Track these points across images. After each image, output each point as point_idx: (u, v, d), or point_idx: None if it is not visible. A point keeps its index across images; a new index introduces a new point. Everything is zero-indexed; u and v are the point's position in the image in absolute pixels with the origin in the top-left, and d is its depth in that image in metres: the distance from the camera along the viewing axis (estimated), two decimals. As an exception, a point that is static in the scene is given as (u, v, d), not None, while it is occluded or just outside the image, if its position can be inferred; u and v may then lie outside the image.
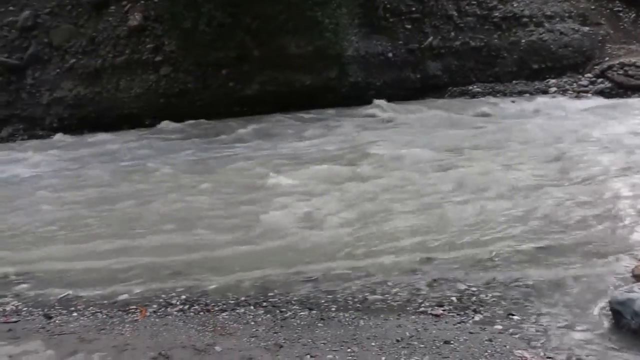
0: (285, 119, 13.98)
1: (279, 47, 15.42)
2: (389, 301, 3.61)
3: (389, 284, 3.86)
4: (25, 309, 4.08)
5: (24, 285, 4.59)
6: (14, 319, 3.82)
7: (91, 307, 3.94)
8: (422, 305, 3.54)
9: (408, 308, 3.51)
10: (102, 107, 17.34)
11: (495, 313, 3.44)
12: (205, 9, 14.34)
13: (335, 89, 16.02)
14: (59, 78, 18.07)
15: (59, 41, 18.32)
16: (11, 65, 18.65)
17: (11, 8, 19.64)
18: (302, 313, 3.49)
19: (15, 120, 18.76)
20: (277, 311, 3.55)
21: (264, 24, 14.74)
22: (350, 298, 3.69)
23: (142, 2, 17.01)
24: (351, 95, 15.91)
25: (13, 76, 18.71)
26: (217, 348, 2.98)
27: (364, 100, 15.54)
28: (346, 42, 15.65)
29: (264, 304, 3.69)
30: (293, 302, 3.69)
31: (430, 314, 3.41)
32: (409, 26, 16.66)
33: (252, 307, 3.66)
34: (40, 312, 3.94)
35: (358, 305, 3.58)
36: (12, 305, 4.18)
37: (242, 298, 3.82)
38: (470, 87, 16.51)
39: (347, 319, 3.35)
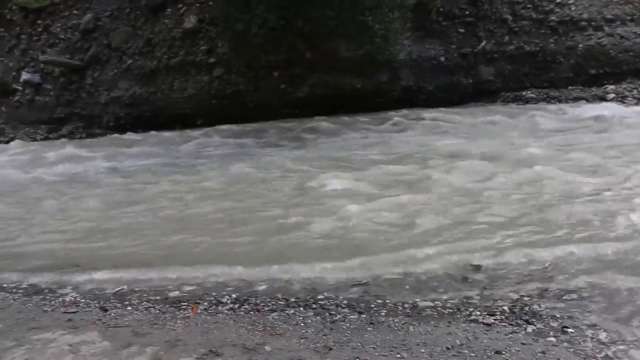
0: (334, 121, 13.95)
1: (330, 50, 15.47)
2: (439, 308, 3.58)
3: (440, 290, 3.84)
4: (82, 300, 4.21)
5: (82, 278, 4.73)
6: (72, 310, 3.96)
7: (144, 302, 4.04)
8: (473, 313, 3.50)
9: (458, 315, 3.47)
10: (156, 107, 17.79)
11: (549, 325, 3.36)
12: (259, 11, 14.52)
13: (386, 93, 15.96)
14: (116, 78, 18.64)
15: (117, 43, 18.91)
16: (73, 66, 19.39)
17: (75, 12, 20.40)
18: (351, 316, 3.51)
19: (75, 118, 19.46)
20: (327, 314, 3.58)
21: (315, 27, 14.82)
22: (400, 303, 3.68)
23: (197, 4, 17.36)
24: (402, 99, 15.82)
25: (74, 76, 19.44)
26: (267, 348, 3.03)
27: (414, 104, 15.44)
28: (398, 46, 15.57)
29: (314, 305, 3.73)
30: (342, 305, 3.71)
31: (482, 322, 3.37)
32: (462, 30, 16.45)
33: (301, 309, 3.69)
34: (97, 305, 4.07)
35: (408, 311, 3.57)
36: (71, 296, 4.32)
37: (292, 299, 3.86)
38: (524, 93, 16.11)
39: (397, 324, 3.34)
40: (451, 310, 3.55)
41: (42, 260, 5.27)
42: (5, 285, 4.65)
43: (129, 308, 3.94)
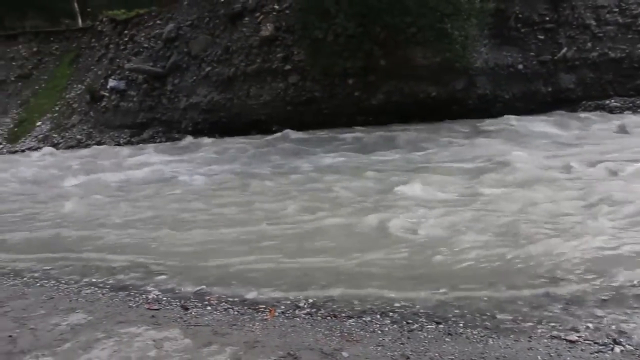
0: (409, 129, 13.82)
1: (406, 57, 15.41)
2: (519, 321, 3.47)
3: (519, 303, 3.73)
4: (165, 298, 4.35)
5: (163, 277, 4.91)
6: (155, 307, 4.11)
7: (223, 303, 4.15)
8: (555, 329, 3.37)
9: (540, 330, 3.35)
10: (232, 113, 18.24)
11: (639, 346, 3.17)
12: (338, 19, 14.62)
13: (462, 101, 15.72)
14: (195, 85, 19.26)
15: (197, 51, 19.55)
16: (155, 73, 20.22)
17: (158, 22, 21.31)
18: (429, 326, 3.47)
19: (156, 123, 20.25)
20: (404, 322, 3.55)
21: (392, 34, 14.79)
22: (478, 315, 3.60)
23: (274, 13, 17.71)
24: (478, 108, 15.52)
25: (156, 83, 20.26)
26: (344, 354, 3.05)
27: (490, 113, 15.09)
28: (475, 53, 15.31)
29: (390, 314, 3.71)
30: (420, 314, 3.67)
31: (565, 339, 3.23)
32: (542, 37, 15.98)
33: (378, 316, 3.68)
34: (178, 303, 4.20)
35: (487, 323, 3.49)
36: (154, 294, 4.48)
37: (368, 306, 3.86)
38: (607, 102, 15.38)
39: (476, 336, 3.28)
40: (532, 325, 3.43)
41: (127, 257, 5.54)
42: (94, 281, 4.93)
43: (209, 308, 4.05)
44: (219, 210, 7.42)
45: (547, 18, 15.98)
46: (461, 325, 3.46)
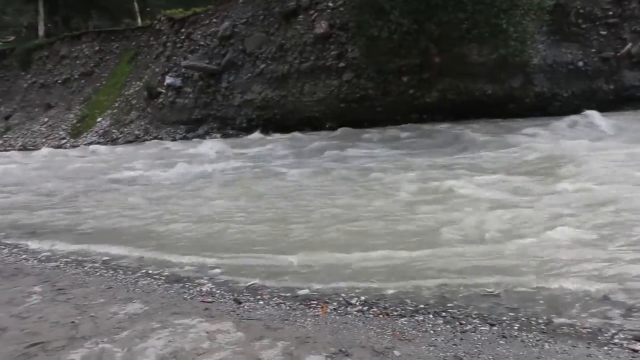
0: (464, 127, 13.56)
1: (461, 55, 15.20)
2: (577, 327, 3.34)
3: (577, 307, 3.60)
4: (218, 292, 4.41)
5: (217, 270, 4.98)
6: (209, 300, 4.18)
7: (275, 298, 4.17)
8: (616, 336, 3.22)
9: (599, 337, 3.21)
10: (286, 110, 18.40)
11: None
12: (393, 16, 14.53)
13: (518, 99, 15.38)
14: (249, 82, 19.52)
15: (251, 48, 19.81)
16: (210, 70, 20.60)
17: (214, 20, 21.70)
18: (482, 328, 3.39)
19: (210, 119, 20.64)
20: (457, 323, 3.49)
21: (447, 31, 14.60)
22: (534, 318, 3.49)
23: (328, 10, 17.76)
24: (535, 107, 15.15)
25: (211, 80, 20.64)
26: (396, 352, 3.02)
27: (547, 111, 14.71)
28: (532, 50, 14.93)
29: (443, 314, 3.65)
30: (473, 315, 3.60)
31: (627, 347, 3.08)
32: (604, 32, 15.44)
33: (430, 316, 3.62)
34: (231, 297, 4.24)
35: (543, 327, 3.38)
36: (207, 287, 4.55)
37: (421, 306, 3.81)
38: (675, 100, 14.79)
39: (531, 340, 3.17)
40: (590, 331, 3.29)
41: (182, 250, 5.66)
42: (150, 272, 5.05)
43: (261, 302, 4.08)
44: (281, 205, 7.49)
45: (611, 12, 15.43)
46: (516, 328, 3.37)
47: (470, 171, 8.60)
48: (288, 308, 3.91)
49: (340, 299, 4.04)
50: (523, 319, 3.45)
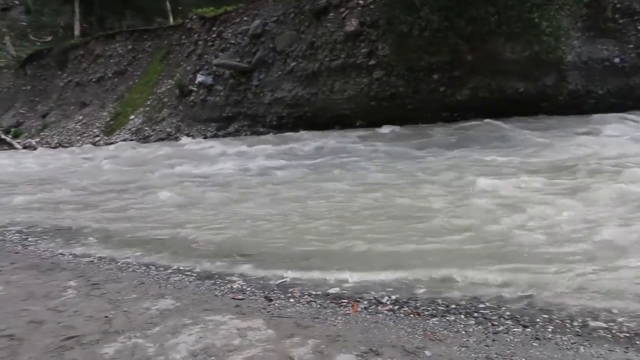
0: (495, 126, 13.34)
1: (493, 52, 14.98)
2: (614, 331, 3.26)
3: (614, 311, 3.51)
4: (249, 289, 4.44)
5: (248, 267, 5.02)
6: (240, 297, 4.21)
7: (306, 296, 4.18)
8: None
9: (637, 342, 3.16)
10: (316, 108, 18.41)
11: None
12: (423, 12, 14.40)
13: (552, 97, 15.08)
14: (280, 80, 19.57)
15: (282, 46, 19.87)
16: (241, 68, 20.73)
17: (245, 18, 21.83)
18: (515, 329, 3.35)
19: (241, 117, 20.77)
20: (489, 324, 3.45)
21: (478, 27, 14.39)
22: (568, 321, 3.43)
23: (359, 8, 17.71)
24: (568, 104, 14.84)
25: (242, 78, 20.76)
26: (427, 353, 3.00)
27: (582, 109, 14.42)
28: (566, 46, 14.64)
29: (475, 314, 3.61)
30: (505, 316, 3.55)
31: None
32: (642, 28, 15.07)
33: (462, 316, 3.59)
34: (262, 294, 4.27)
35: (578, 329, 3.31)
36: (238, 284, 4.59)
37: (452, 306, 3.77)
38: None
39: (566, 343, 3.11)
40: (628, 335, 3.21)
41: (214, 247, 5.73)
42: (182, 268, 5.12)
43: (292, 300, 4.10)
44: (321, 203, 7.50)
45: (650, 7, 15.04)
46: (550, 330, 3.31)
47: (546, 172, 8.35)
48: (318, 306, 3.92)
49: (371, 297, 4.03)
50: (557, 321, 3.39)
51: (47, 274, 5.05)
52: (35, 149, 27.26)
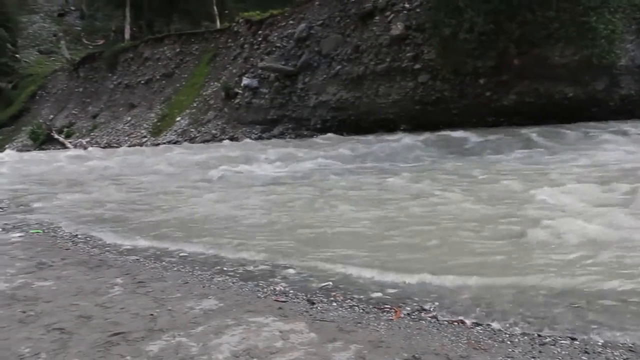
0: (543, 132, 13.03)
1: (541, 56, 14.68)
2: None
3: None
4: (291, 291, 4.44)
5: (291, 271, 5.03)
6: (283, 299, 4.21)
7: (349, 300, 4.16)
8: None
9: None
10: (361, 111, 18.39)
11: None
12: (468, 15, 14.23)
13: (602, 103, 14.68)
14: (325, 83, 19.63)
15: (327, 50, 19.93)
16: (287, 71, 20.87)
17: (291, 22, 21.99)
18: (563, 341, 3.24)
19: (286, 120, 20.91)
20: (535, 334, 3.35)
21: (528, 31, 14.13)
22: (619, 334, 3.32)
23: (405, 12, 17.61)
24: (620, 110, 14.42)
25: (287, 81, 20.91)
26: (471, 362, 2.96)
27: (635, 115, 13.99)
28: (620, 50, 14.23)
29: (521, 324, 3.54)
30: (553, 327, 3.46)
31: None
32: (701, 31, 14.53)
33: (507, 326, 3.53)
34: (304, 297, 4.26)
35: (630, 345, 3.20)
36: (281, 286, 4.60)
37: (497, 314, 3.70)
38: None
39: (617, 358, 3.02)
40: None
41: (257, 249, 5.77)
42: (225, 269, 5.17)
43: (334, 304, 4.07)
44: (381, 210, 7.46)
45: None
46: (600, 344, 3.19)
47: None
48: (361, 311, 3.89)
49: (415, 303, 3.98)
50: (608, 334, 3.27)
51: (95, 270, 5.17)
52: (85, 148, 28.00)
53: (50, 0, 53.15)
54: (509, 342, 3.22)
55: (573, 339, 3.25)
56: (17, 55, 42.18)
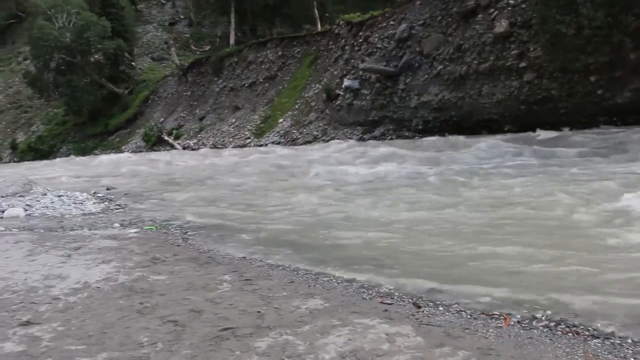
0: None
1: (661, 49, 13.71)
2: None
3: None
4: (396, 294, 4.43)
5: (396, 272, 5.01)
6: (388, 302, 4.21)
7: (455, 305, 4.10)
8: None
9: None
10: (463, 112, 18.01)
11: None
12: (585, 9, 13.51)
13: None
14: (426, 83, 19.40)
15: (428, 49, 19.68)
16: (387, 72, 20.82)
17: (391, 22, 21.92)
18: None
19: (387, 121, 20.86)
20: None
21: (647, 23, 13.23)
22: None
23: (509, 8, 17.04)
24: None
25: (388, 82, 20.86)
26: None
27: None
28: None
29: (641, 342, 3.29)
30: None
31: None
32: None
33: (629, 341, 3.27)
34: (410, 300, 4.23)
35: None
36: (386, 288, 4.60)
37: (616, 327, 3.45)
38: None
39: None
40: None
41: (358, 249, 5.82)
42: (329, 270, 5.23)
43: (441, 308, 4.02)
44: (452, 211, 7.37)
45: None
46: None
47: None
48: (468, 317, 3.82)
49: (525, 311, 3.85)
50: None
51: (205, 267, 5.42)
52: (193, 149, 29.28)
53: (162, 10, 56.36)
54: (632, 359, 3.03)
55: None
56: (133, 63, 44.87)
